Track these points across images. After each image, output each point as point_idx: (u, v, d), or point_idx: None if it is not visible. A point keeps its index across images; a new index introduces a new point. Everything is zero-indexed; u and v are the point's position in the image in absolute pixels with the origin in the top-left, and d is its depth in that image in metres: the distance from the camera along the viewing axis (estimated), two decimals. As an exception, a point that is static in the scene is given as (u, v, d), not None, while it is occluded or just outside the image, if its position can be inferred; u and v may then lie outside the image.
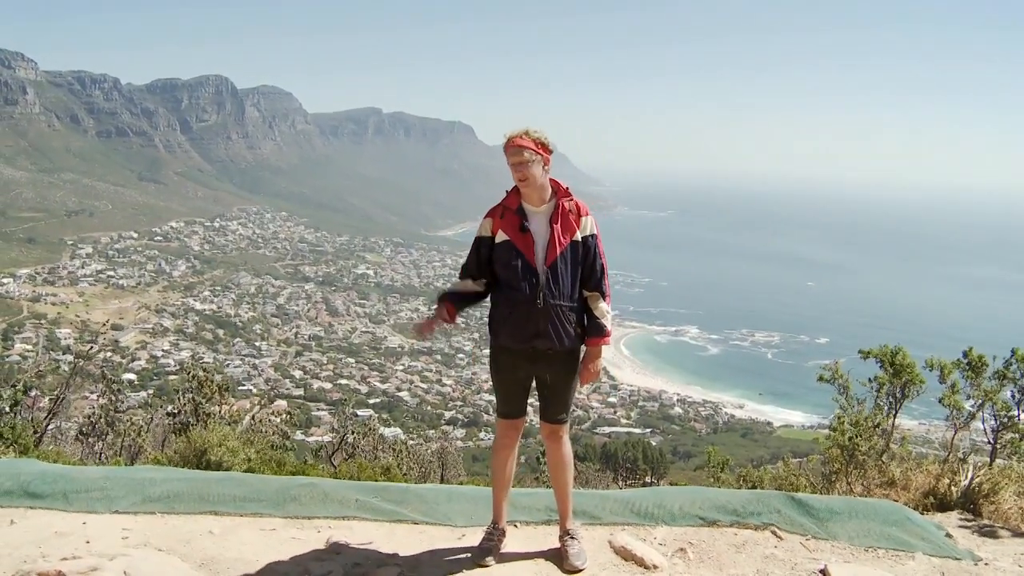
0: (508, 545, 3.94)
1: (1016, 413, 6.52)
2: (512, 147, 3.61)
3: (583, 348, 3.83)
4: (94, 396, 11.56)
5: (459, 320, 3.73)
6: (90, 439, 10.41)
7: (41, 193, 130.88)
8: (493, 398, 4.03)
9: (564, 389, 3.82)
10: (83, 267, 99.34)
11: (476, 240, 3.78)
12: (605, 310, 3.78)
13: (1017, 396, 6.55)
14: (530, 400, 3.97)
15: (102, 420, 10.41)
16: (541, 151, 3.64)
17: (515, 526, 4.21)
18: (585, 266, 3.73)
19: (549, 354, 3.70)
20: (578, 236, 3.71)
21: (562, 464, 3.88)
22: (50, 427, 9.97)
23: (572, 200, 3.75)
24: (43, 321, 77.52)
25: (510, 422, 3.86)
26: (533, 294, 3.62)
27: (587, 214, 3.76)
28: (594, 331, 3.77)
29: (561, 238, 3.66)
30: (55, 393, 10.29)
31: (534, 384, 3.87)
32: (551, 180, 3.77)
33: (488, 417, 60.03)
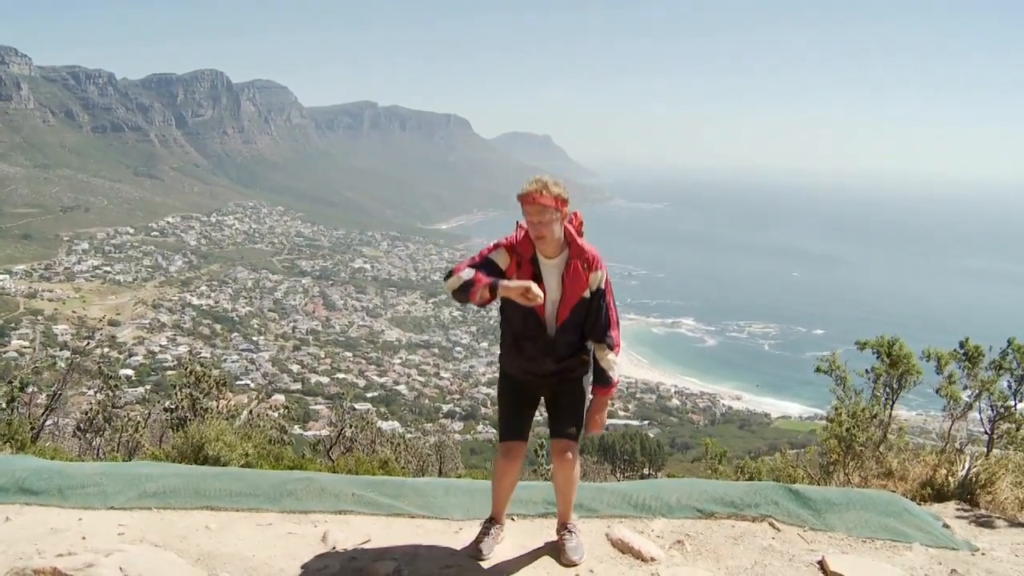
0: (505, 538, 3.93)
1: (1012, 403, 6.52)
2: (533, 206, 3.46)
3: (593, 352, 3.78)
4: (91, 392, 11.52)
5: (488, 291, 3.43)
6: (88, 435, 10.39)
7: (36, 189, 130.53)
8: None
9: (575, 402, 3.76)
10: (79, 263, 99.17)
11: (488, 261, 3.57)
12: (612, 361, 3.68)
13: (1013, 386, 6.56)
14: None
15: (99, 416, 10.39)
16: (561, 207, 3.49)
17: (512, 519, 4.20)
18: (588, 319, 3.64)
19: (555, 381, 3.74)
20: (586, 293, 3.61)
21: (570, 483, 3.81)
22: (47, 423, 9.95)
23: (585, 254, 3.59)
24: (40, 317, 77.36)
25: (511, 444, 3.76)
26: (542, 347, 3.63)
27: (598, 268, 3.60)
28: (600, 381, 3.71)
29: (571, 300, 3.58)
30: (52, 389, 10.27)
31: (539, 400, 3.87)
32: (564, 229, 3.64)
33: (486, 410, 60.06)
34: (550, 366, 3.67)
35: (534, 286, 3.34)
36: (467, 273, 3.43)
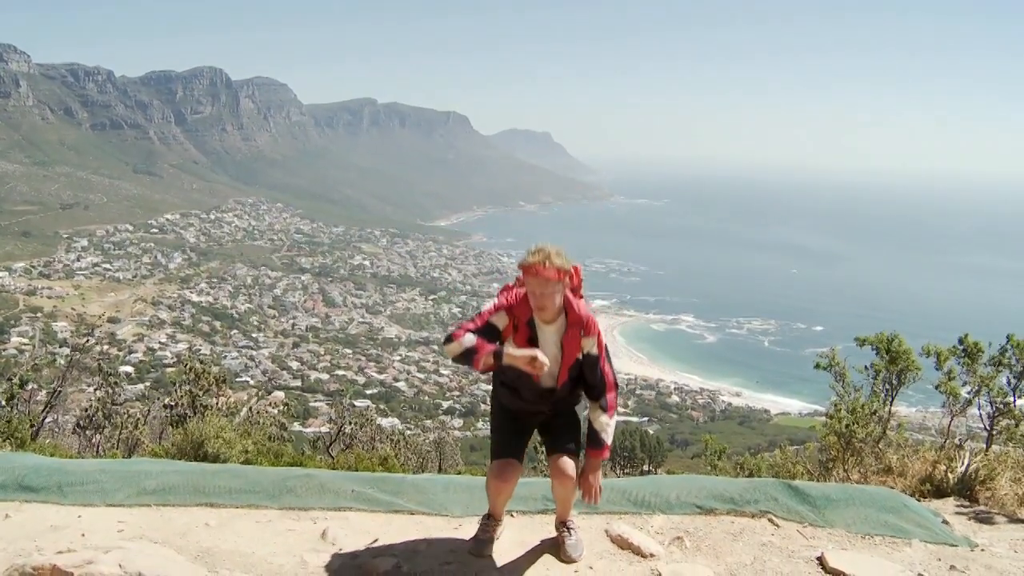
0: (504, 534, 3.93)
1: (1012, 399, 6.53)
2: (536, 278, 3.38)
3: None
4: (91, 389, 11.54)
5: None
6: (87, 432, 10.41)
7: (35, 186, 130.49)
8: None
9: (570, 424, 3.74)
10: (79, 260, 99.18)
11: (489, 324, 3.52)
12: (605, 423, 3.62)
13: (1013, 382, 6.56)
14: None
15: (99, 413, 10.41)
16: (563, 278, 3.43)
17: (511, 515, 4.20)
18: (585, 381, 3.63)
19: (551, 414, 3.77)
20: (579, 356, 3.58)
21: (570, 496, 3.77)
22: (47, 420, 9.96)
23: (581, 320, 3.53)
24: (39, 315, 77.34)
25: (507, 462, 3.69)
26: (540, 395, 3.63)
27: (591, 334, 3.54)
28: (593, 443, 3.65)
29: (569, 361, 3.56)
30: (52, 386, 10.29)
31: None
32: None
33: (485, 407, 60.05)
34: (546, 407, 3.70)
35: (540, 355, 3.33)
36: (468, 340, 3.38)
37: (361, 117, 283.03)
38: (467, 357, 3.38)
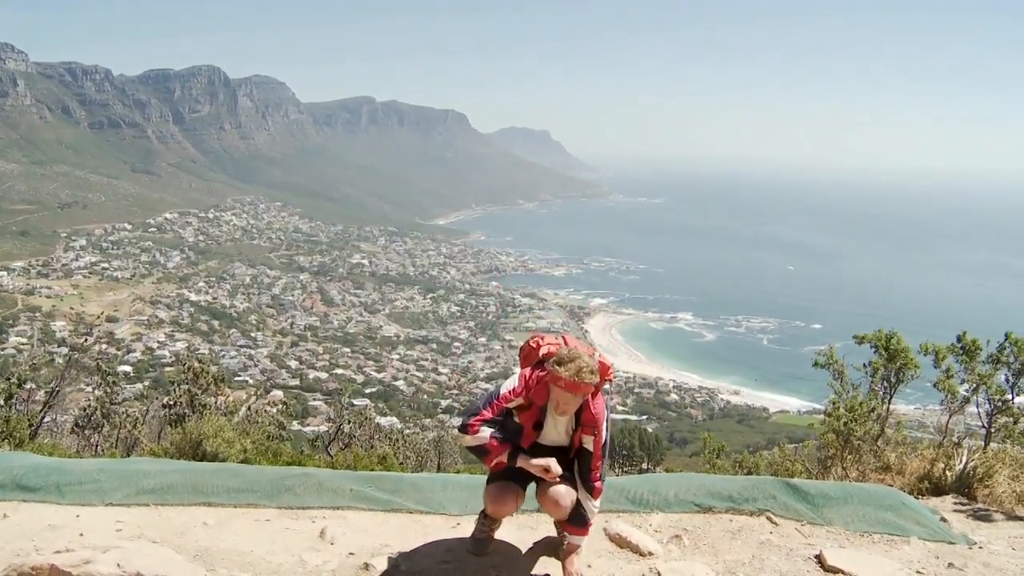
0: (502, 533, 3.92)
1: (1010, 397, 6.53)
2: (565, 393, 3.34)
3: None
4: (89, 388, 11.56)
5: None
6: (86, 431, 10.41)
7: (33, 185, 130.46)
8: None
9: (566, 459, 3.66)
10: (77, 259, 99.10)
11: (504, 401, 3.49)
12: (590, 503, 3.59)
13: (1011, 380, 6.57)
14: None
15: (98, 412, 10.41)
16: (589, 390, 3.39)
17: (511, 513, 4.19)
18: (576, 464, 3.61)
19: None
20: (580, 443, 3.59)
21: (565, 516, 3.67)
22: (46, 420, 9.96)
23: (592, 421, 3.51)
24: (38, 314, 77.33)
25: (505, 485, 3.60)
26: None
27: (592, 434, 3.52)
28: (577, 520, 3.59)
29: (576, 446, 3.57)
30: (50, 386, 10.28)
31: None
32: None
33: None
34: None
35: (554, 465, 3.40)
36: (483, 435, 3.42)
37: (359, 115, 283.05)
38: (479, 453, 3.47)
